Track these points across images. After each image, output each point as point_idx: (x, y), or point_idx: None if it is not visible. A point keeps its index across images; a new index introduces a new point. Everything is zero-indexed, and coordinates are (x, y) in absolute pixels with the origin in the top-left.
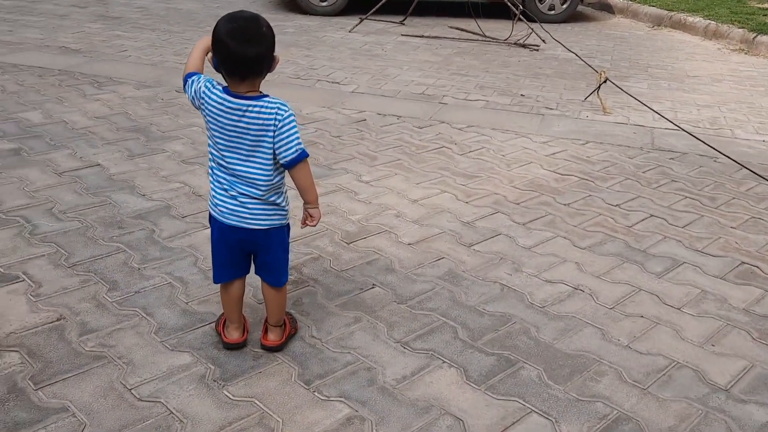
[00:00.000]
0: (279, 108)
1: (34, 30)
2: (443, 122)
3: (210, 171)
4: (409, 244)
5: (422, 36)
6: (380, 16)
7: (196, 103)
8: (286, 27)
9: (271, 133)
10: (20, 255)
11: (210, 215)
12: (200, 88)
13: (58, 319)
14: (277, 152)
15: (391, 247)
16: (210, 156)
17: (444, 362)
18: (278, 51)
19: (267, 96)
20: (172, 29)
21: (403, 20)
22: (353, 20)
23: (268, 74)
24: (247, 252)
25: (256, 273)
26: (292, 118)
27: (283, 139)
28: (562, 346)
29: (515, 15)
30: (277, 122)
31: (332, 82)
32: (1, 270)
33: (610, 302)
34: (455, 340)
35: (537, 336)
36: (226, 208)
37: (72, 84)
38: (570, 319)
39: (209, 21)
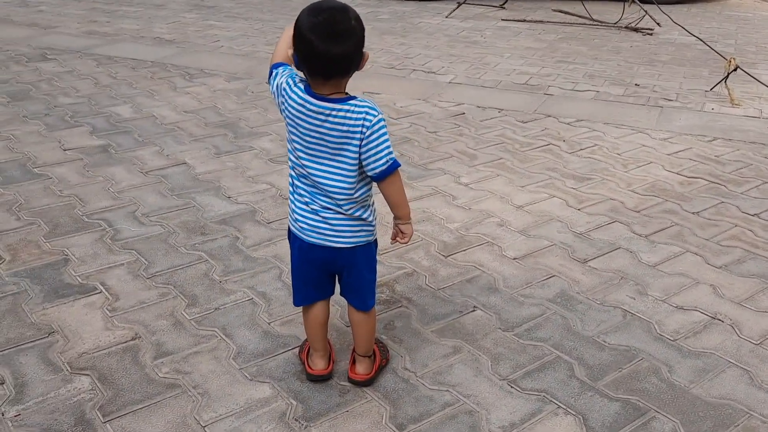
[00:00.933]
0: (368, 112)
1: (131, 20)
2: (549, 116)
3: (290, 182)
4: (514, 258)
5: (524, 20)
6: None
7: (278, 100)
8: (380, 13)
9: (356, 141)
10: (100, 263)
11: (289, 231)
12: (282, 84)
13: (133, 338)
14: (364, 163)
15: (494, 261)
16: (290, 164)
17: (559, 407)
18: (370, 42)
19: (354, 98)
20: (265, 18)
21: (504, 3)
22: (451, 5)
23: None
24: (331, 272)
25: (341, 294)
26: (382, 123)
27: (371, 149)
28: (701, 391)
29: None
30: (364, 129)
31: (428, 72)
32: (80, 280)
33: (756, 336)
34: (571, 379)
35: (669, 377)
36: (307, 224)
37: (164, 76)
38: (708, 356)
39: (302, 8)
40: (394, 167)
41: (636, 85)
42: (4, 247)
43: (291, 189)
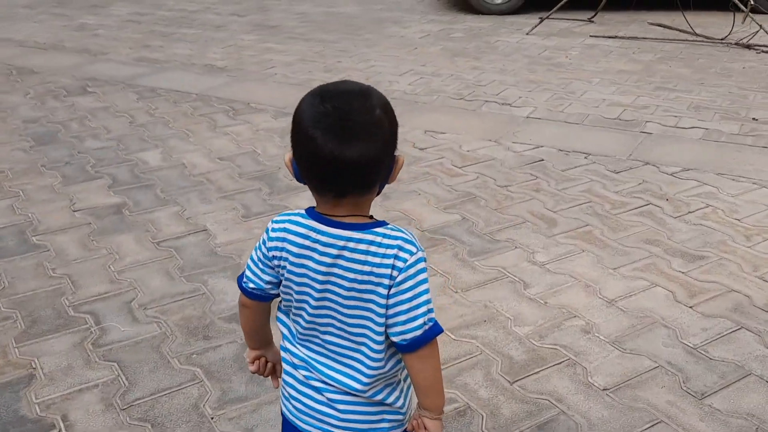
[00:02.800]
0: (401, 247)
1: (185, 45)
2: (647, 163)
3: (282, 345)
4: (604, 389)
5: (616, 36)
6: (564, 13)
7: (266, 273)
8: (453, 31)
9: (384, 290)
10: (70, 384)
11: (282, 413)
12: (263, 241)
13: None
14: (389, 323)
15: (576, 393)
16: (279, 316)
17: None
18: (439, 65)
19: (381, 224)
20: (327, 38)
21: (593, 17)
22: (532, 19)
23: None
24: None
25: None
26: (421, 266)
27: (401, 303)
28: None
29: (735, 5)
30: (395, 272)
31: (502, 104)
32: (38, 411)
33: None
34: None
35: None
36: (304, 405)
37: (205, 112)
38: None
39: (368, 27)
40: (432, 334)
41: (753, 119)
42: None
43: (283, 354)
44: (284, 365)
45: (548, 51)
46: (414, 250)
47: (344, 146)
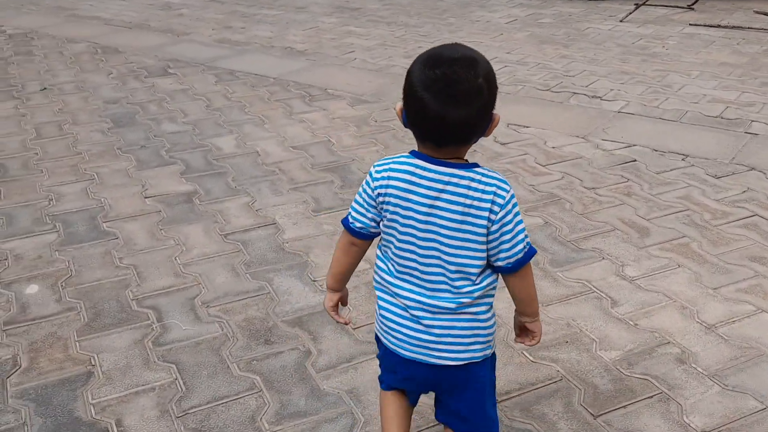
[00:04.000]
0: (498, 188)
1: (266, 26)
2: (752, 168)
3: (377, 278)
4: (702, 431)
5: (718, 26)
6: None
7: (370, 210)
8: (542, 16)
9: (483, 222)
10: (127, 385)
11: (382, 344)
12: (368, 183)
13: None
14: (491, 252)
15: None
16: (380, 254)
17: None
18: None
19: (477, 166)
20: (410, 22)
21: (693, 4)
22: (626, 5)
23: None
24: (433, 390)
25: (439, 419)
26: (514, 202)
27: (505, 233)
28: None
29: None
30: (495, 208)
31: (592, 96)
32: (93, 414)
33: None
34: None
35: None
36: (404, 334)
37: (282, 98)
38: None
39: (453, 10)
40: (531, 253)
41: None
42: (27, 345)
43: (378, 289)
44: (381, 302)
45: (643, 40)
46: (508, 188)
47: (449, 110)
